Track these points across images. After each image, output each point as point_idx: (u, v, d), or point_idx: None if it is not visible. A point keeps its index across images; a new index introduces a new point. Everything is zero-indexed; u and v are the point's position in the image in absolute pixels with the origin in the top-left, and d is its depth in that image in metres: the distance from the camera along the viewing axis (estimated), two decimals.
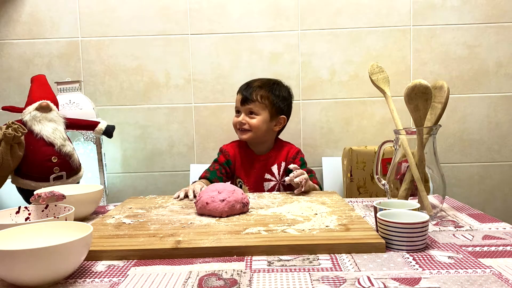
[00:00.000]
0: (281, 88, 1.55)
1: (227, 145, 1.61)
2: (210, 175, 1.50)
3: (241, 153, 1.57)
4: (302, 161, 1.53)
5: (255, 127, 1.49)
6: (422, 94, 0.96)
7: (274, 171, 1.53)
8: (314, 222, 0.91)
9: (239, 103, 1.52)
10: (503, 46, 1.94)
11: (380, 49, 1.95)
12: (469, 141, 1.98)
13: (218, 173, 1.52)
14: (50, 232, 0.76)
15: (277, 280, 0.66)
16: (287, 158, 1.54)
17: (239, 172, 1.56)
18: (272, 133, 1.56)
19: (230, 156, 1.56)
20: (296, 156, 1.53)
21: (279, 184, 1.53)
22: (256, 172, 1.54)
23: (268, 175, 1.53)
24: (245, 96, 1.50)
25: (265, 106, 1.50)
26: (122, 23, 1.95)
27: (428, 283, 0.64)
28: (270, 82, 1.54)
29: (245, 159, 1.56)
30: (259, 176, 1.53)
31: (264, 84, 1.52)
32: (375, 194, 1.78)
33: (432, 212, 1.00)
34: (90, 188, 1.13)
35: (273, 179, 1.53)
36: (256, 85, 1.51)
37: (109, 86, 1.98)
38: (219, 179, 1.50)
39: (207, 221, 0.96)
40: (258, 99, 1.49)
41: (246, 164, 1.56)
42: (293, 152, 1.54)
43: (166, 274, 0.70)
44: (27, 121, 1.51)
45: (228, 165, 1.55)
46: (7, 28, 1.95)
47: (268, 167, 1.54)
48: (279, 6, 1.94)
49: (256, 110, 1.49)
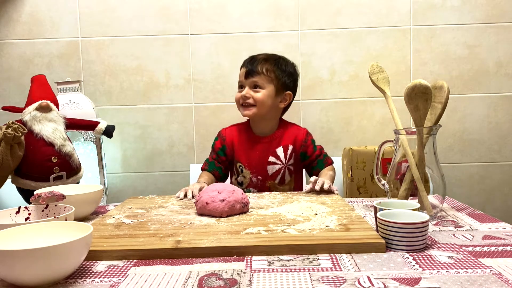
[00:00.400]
0: (287, 63, 1.47)
1: (226, 128, 1.52)
2: (209, 167, 1.46)
3: (241, 135, 1.48)
4: (313, 143, 1.47)
5: (259, 101, 1.39)
6: (422, 94, 0.96)
7: (279, 154, 1.44)
8: (314, 222, 0.91)
9: (243, 76, 1.43)
10: (503, 46, 1.94)
11: (380, 49, 1.95)
12: (469, 141, 1.98)
13: (216, 163, 1.46)
14: (50, 232, 0.76)
15: (277, 280, 0.66)
16: (296, 142, 1.45)
17: (239, 155, 1.46)
18: (277, 110, 1.47)
19: (226, 141, 1.47)
20: (307, 139, 1.46)
21: (285, 167, 1.44)
22: (259, 155, 1.44)
23: (272, 158, 1.44)
24: (250, 68, 1.41)
25: (270, 79, 1.41)
26: (122, 23, 1.95)
27: (428, 283, 0.64)
28: (276, 56, 1.47)
29: (245, 142, 1.47)
30: (262, 159, 1.44)
31: (270, 57, 1.45)
32: (375, 194, 1.78)
33: (432, 212, 1.00)
34: (90, 188, 1.13)
35: (278, 163, 1.44)
36: (261, 58, 1.43)
37: (109, 86, 1.98)
38: (219, 169, 1.46)
39: (207, 221, 0.96)
40: (264, 71, 1.40)
41: (246, 147, 1.46)
42: (302, 135, 1.46)
43: (166, 274, 0.70)
44: (27, 121, 1.51)
45: (223, 152, 1.47)
46: (7, 28, 1.95)
47: (272, 149, 1.44)
48: (279, 6, 1.94)
49: (261, 84, 1.40)
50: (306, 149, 1.45)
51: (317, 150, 1.47)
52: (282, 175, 1.45)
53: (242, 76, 1.44)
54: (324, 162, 1.46)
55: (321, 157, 1.46)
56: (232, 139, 1.48)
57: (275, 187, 1.45)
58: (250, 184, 1.45)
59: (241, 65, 1.47)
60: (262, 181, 1.44)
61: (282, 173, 1.45)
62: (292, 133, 1.46)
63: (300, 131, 1.47)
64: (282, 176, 1.45)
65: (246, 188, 1.46)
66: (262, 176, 1.45)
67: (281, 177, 1.45)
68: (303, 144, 1.45)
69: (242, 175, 1.46)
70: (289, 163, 1.45)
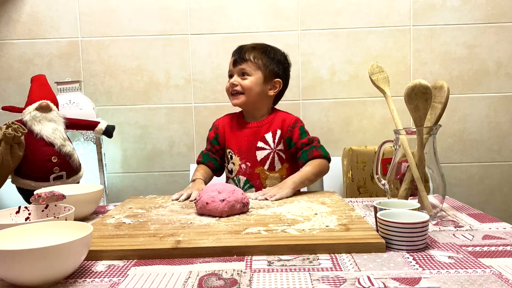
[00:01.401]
0: (276, 52, 1.46)
1: (220, 118, 1.53)
2: (204, 159, 1.46)
3: (232, 123, 1.48)
4: (302, 130, 1.41)
5: (247, 88, 1.39)
6: (422, 94, 0.96)
7: (268, 139, 1.42)
8: (314, 222, 0.91)
9: (231, 65, 1.44)
10: (503, 46, 1.94)
11: (380, 49, 1.95)
12: (469, 141, 1.98)
13: (210, 154, 1.46)
14: (50, 232, 0.76)
15: (277, 280, 0.66)
16: (283, 127, 1.42)
17: (229, 142, 1.46)
18: (267, 98, 1.44)
19: (219, 129, 1.48)
20: (295, 125, 1.41)
21: (273, 152, 1.41)
22: (248, 140, 1.43)
23: (261, 143, 1.41)
24: (238, 56, 1.41)
25: (257, 66, 1.40)
26: (122, 23, 1.95)
27: (428, 283, 0.64)
28: (265, 45, 1.47)
29: (235, 128, 1.46)
30: (250, 145, 1.42)
31: (258, 46, 1.45)
32: (375, 194, 1.78)
33: (432, 212, 1.00)
34: (90, 188, 1.13)
35: (266, 147, 1.41)
36: (249, 46, 1.44)
37: (109, 86, 1.98)
38: (213, 160, 1.45)
39: (207, 221, 0.96)
40: (251, 59, 1.40)
41: (236, 132, 1.45)
42: (291, 121, 1.42)
43: (166, 274, 0.70)
44: (27, 121, 1.51)
45: (217, 140, 1.48)
46: (7, 28, 1.95)
47: (261, 134, 1.42)
48: (279, 6, 1.94)
49: (248, 71, 1.40)
50: (292, 135, 1.40)
51: (306, 139, 1.39)
52: (271, 161, 1.41)
53: (230, 65, 1.45)
54: (308, 153, 1.36)
55: (307, 148, 1.37)
56: (224, 127, 1.49)
57: (265, 174, 1.41)
58: (239, 171, 1.42)
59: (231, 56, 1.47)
60: (251, 167, 1.41)
61: (271, 158, 1.41)
62: (281, 119, 1.44)
63: (289, 117, 1.44)
64: (272, 162, 1.41)
65: (236, 176, 1.43)
66: (251, 162, 1.41)
67: (270, 163, 1.41)
68: (289, 129, 1.41)
69: (232, 161, 1.44)
70: (278, 148, 1.42)
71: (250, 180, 1.41)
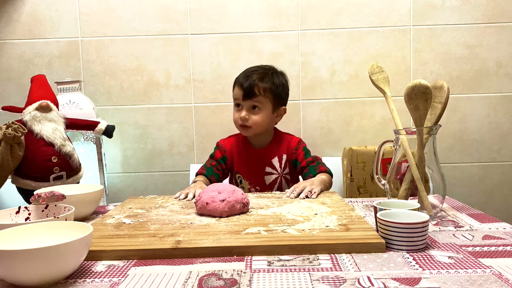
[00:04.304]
0: (278, 76, 1.48)
1: (224, 140, 1.56)
2: (207, 172, 1.47)
3: (239, 148, 1.52)
4: (305, 150, 1.48)
5: (259, 123, 1.43)
6: (422, 94, 0.96)
7: (275, 164, 1.49)
8: (314, 222, 0.91)
9: (240, 97, 1.44)
10: (503, 46, 1.94)
11: (380, 49, 1.95)
12: (469, 141, 1.98)
13: (215, 169, 1.49)
14: (50, 232, 0.76)
15: (277, 280, 0.66)
16: (288, 150, 1.49)
17: (238, 167, 1.52)
18: (273, 124, 1.52)
19: (227, 152, 1.52)
20: (298, 147, 1.48)
21: (281, 177, 1.49)
22: (256, 166, 1.49)
23: (269, 168, 1.49)
24: (248, 91, 1.41)
25: (268, 100, 1.43)
26: (122, 23, 1.95)
27: (428, 283, 0.64)
28: (269, 72, 1.47)
29: (243, 154, 1.51)
30: (259, 170, 1.49)
31: (265, 75, 1.45)
32: (375, 194, 1.78)
33: (432, 212, 1.00)
34: (90, 188, 1.13)
35: (274, 172, 1.49)
36: (257, 77, 1.43)
37: (109, 86, 1.98)
38: (216, 176, 1.48)
39: (207, 221, 0.96)
40: (262, 93, 1.41)
41: (245, 159, 1.51)
42: (294, 143, 1.49)
43: (166, 274, 0.70)
44: (27, 121, 1.51)
45: (224, 161, 1.52)
46: (7, 28, 1.95)
47: (268, 160, 1.49)
48: (279, 6, 1.94)
49: (259, 105, 1.42)
50: (297, 156, 1.47)
51: (310, 157, 1.46)
52: (279, 184, 1.50)
53: (238, 96, 1.44)
54: (316, 168, 1.43)
55: (314, 164, 1.44)
56: (232, 151, 1.53)
57: None
58: None
59: (235, 82, 1.48)
60: (260, 191, 1.49)
61: (278, 182, 1.50)
62: (286, 143, 1.51)
63: (292, 139, 1.52)
64: (279, 186, 1.50)
65: None
66: (260, 186, 1.49)
67: (278, 187, 1.50)
68: (293, 151, 1.48)
69: (241, 185, 1.52)
70: (284, 172, 1.50)
71: None
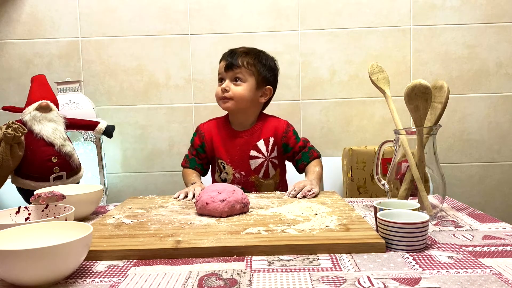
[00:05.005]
0: (267, 57, 1.45)
1: (204, 124, 1.49)
2: (190, 164, 1.44)
3: (220, 131, 1.45)
4: (295, 133, 1.44)
5: (240, 94, 1.38)
6: (422, 94, 0.96)
7: (260, 147, 1.41)
8: (314, 222, 0.91)
9: (222, 69, 1.40)
10: (503, 46, 1.94)
11: (380, 49, 1.95)
12: (469, 141, 1.98)
13: (197, 160, 1.45)
14: (50, 232, 0.76)
15: (277, 280, 0.66)
16: (276, 134, 1.42)
17: (219, 152, 1.44)
18: (257, 105, 1.44)
19: (205, 138, 1.45)
20: (288, 130, 1.43)
21: (267, 161, 1.42)
22: (239, 150, 1.42)
23: (254, 152, 1.41)
24: (230, 61, 1.38)
25: (251, 73, 1.38)
26: (122, 23, 1.95)
27: (428, 283, 0.64)
28: (256, 50, 1.45)
29: (224, 137, 1.44)
30: (243, 154, 1.41)
31: (250, 51, 1.42)
32: (375, 194, 1.78)
33: (432, 212, 1.00)
34: (90, 188, 1.13)
35: (260, 156, 1.41)
36: (241, 51, 1.40)
37: (109, 86, 1.98)
38: (200, 166, 1.44)
39: (207, 221, 0.96)
40: (245, 64, 1.37)
41: (226, 142, 1.43)
42: (283, 127, 1.43)
43: (166, 274, 0.70)
44: (27, 121, 1.51)
45: (203, 149, 1.45)
46: (7, 28, 1.95)
47: (253, 142, 1.42)
48: (279, 6, 1.94)
49: (241, 77, 1.38)
50: (288, 140, 1.42)
51: (301, 141, 1.42)
52: (266, 169, 1.43)
53: (221, 69, 1.41)
54: (309, 155, 1.41)
55: (306, 149, 1.42)
56: (211, 136, 1.46)
57: (259, 182, 1.42)
58: (233, 180, 1.42)
59: (220, 59, 1.44)
60: (246, 176, 1.42)
61: (265, 166, 1.42)
62: (272, 125, 1.44)
63: (280, 123, 1.45)
64: (266, 170, 1.43)
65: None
66: (245, 171, 1.42)
67: (265, 171, 1.43)
68: (284, 135, 1.42)
69: (225, 171, 1.44)
70: (271, 156, 1.43)
71: (245, 188, 1.41)
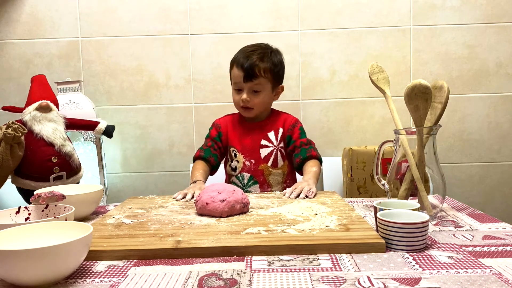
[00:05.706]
0: (276, 55, 1.47)
1: (220, 118, 1.56)
2: (205, 153, 1.47)
3: (234, 123, 1.52)
4: (301, 130, 1.47)
5: (260, 104, 1.43)
6: (422, 94, 0.96)
7: (271, 137, 1.47)
8: (314, 222, 0.91)
9: (240, 79, 1.41)
10: (503, 46, 1.94)
11: (380, 49, 1.95)
12: (469, 141, 1.98)
13: (212, 150, 1.48)
14: (50, 232, 0.76)
15: (277, 280, 0.66)
16: (285, 125, 1.48)
17: (232, 140, 1.49)
18: (271, 103, 1.51)
19: (221, 128, 1.51)
20: (295, 125, 1.47)
21: (276, 149, 1.46)
22: (251, 138, 1.47)
23: (264, 141, 1.47)
24: (249, 73, 1.39)
25: (268, 80, 1.42)
26: (122, 23, 1.95)
27: (428, 283, 0.64)
28: (267, 51, 1.46)
29: (238, 128, 1.50)
30: (254, 143, 1.47)
31: (264, 54, 1.43)
32: (375, 194, 1.78)
33: (432, 212, 1.00)
34: (90, 188, 1.13)
35: (270, 145, 1.46)
36: (256, 57, 1.41)
37: (109, 86, 1.98)
38: (214, 156, 1.47)
39: (207, 221, 0.96)
40: (262, 74, 1.40)
41: (240, 131, 1.49)
42: (292, 121, 1.48)
43: (166, 274, 0.70)
44: (27, 121, 1.51)
45: (219, 138, 1.50)
46: (7, 28, 1.95)
47: (264, 132, 1.48)
48: (279, 6, 1.94)
49: (260, 87, 1.41)
50: (292, 133, 1.46)
51: (305, 139, 1.45)
52: (275, 158, 1.47)
53: (239, 79, 1.42)
54: (307, 151, 1.42)
55: (307, 147, 1.43)
56: (227, 126, 1.52)
57: (268, 170, 1.46)
58: (243, 168, 1.46)
59: (234, 63, 1.44)
60: (255, 164, 1.46)
61: (274, 155, 1.46)
62: (282, 118, 1.50)
63: (290, 117, 1.51)
64: (275, 159, 1.46)
65: (240, 173, 1.47)
66: (255, 159, 1.46)
67: (274, 160, 1.46)
68: (290, 128, 1.47)
69: (236, 159, 1.48)
70: (280, 145, 1.48)
71: (254, 177, 1.45)
